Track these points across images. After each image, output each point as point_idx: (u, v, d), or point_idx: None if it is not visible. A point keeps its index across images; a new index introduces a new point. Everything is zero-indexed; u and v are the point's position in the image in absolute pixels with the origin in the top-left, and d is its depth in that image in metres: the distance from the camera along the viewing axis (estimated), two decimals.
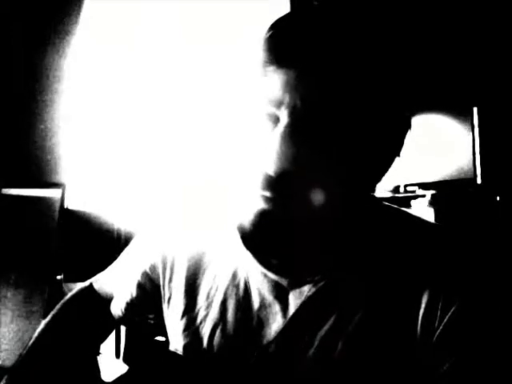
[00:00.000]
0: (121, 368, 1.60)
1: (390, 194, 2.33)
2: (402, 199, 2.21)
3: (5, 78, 1.94)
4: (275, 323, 0.55)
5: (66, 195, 1.95)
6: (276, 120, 0.48)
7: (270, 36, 0.49)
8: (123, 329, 1.74)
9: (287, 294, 0.55)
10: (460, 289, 0.49)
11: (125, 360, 1.72)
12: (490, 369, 0.47)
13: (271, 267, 0.56)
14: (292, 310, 0.54)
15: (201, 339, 0.59)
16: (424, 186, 2.23)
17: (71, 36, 2.18)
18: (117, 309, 0.72)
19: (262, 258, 0.56)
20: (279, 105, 0.47)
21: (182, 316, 0.62)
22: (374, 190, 0.57)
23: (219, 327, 0.58)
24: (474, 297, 0.49)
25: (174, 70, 2.28)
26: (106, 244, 1.91)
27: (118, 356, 1.76)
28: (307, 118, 0.46)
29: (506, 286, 0.50)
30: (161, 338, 0.70)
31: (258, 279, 0.57)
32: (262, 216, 0.49)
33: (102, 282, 0.76)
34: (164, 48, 2.31)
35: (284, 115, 0.47)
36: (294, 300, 0.54)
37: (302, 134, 0.46)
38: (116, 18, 2.26)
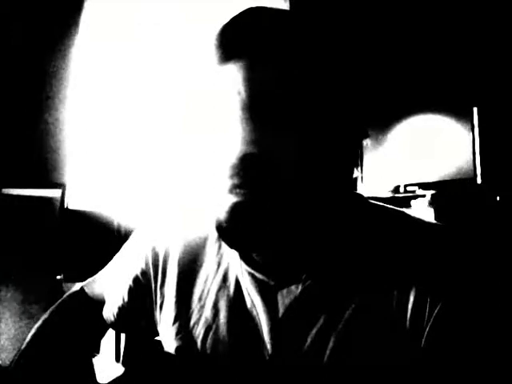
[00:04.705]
0: (120, 371, 1.60)
1: (390, 194, 2.33)
2: (401, 199, 2.21)
3: (5, 78, 1.94)
4: (266, 324, 0.55)
5: (66, 195, 1.95)
6: (232, 110, 0.50)
7: (221, 31, 0.52)
8: (122, 333, 1.74)
9: (276, 294, 0.55)
10: (447, 285, 0.49)
11: (124, 364, 1.71)
12: (480, 365, 0.47)
13: (257, 266, 0.56)
14: (281, 310, 0.55)
15: (194, 342, 0.59)
16: (424, 186, 2.23)
17: (72, 36, 2.18)
18: (109, 313, 0.72)
19: (243, 252, 0.57)
20: (234, 94, 0.49)
21: (175, 320, 0.62)
22: (349, 180, 0.56)
23: (212, 329, 0.58)
24: (461, 293, 0.49)
25: (173, 68, 2.28)
26: (106, 244, 1.90)
27: (118, 360, 1.76)
28: (259, 102, 0.49)
29: (497, 283, 0.50)
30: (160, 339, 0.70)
31: (247, 280, 0.57)
32: (234, 210, 0.49)
33: (94, 285, 0.76)
34: (165, 48, 2.31)
35: (238, 102, 0.49)
36: (283, 300, 0.55)
37: (257, 117, 0.49)
38: (117, 18, 2.26)
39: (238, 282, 0.58)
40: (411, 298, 0.50)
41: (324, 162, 0.51)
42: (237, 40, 0.50)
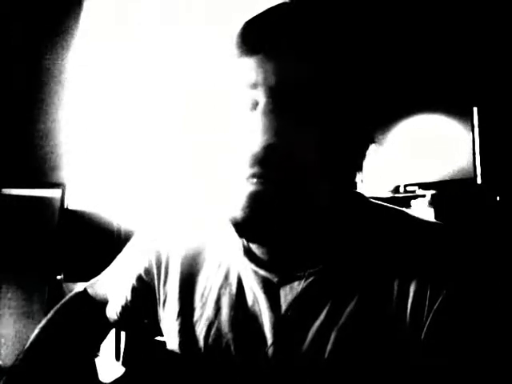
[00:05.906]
0: (120, 370, 1.61)
1: (390, 194, 2.33)
2: (401, 199, 2.21)
3: (5, 78, 1.94)
4: (268, 320, 0.56)
5: (65, 195, 1.95)
6: (255, 102, 0.51)
7: (243, 28, 0.53)
8: (123, 332, 1.74)
9: (278, 291, 0.56)
10: (447, 279, 0.50)
11: (124, 363, 1.72)
12: (479, 359, 0.47)
13: (261, 263, 0.57)
14: (284, 306, 0.55)
15: (196, 338, 0.60)
16: (424, 186, 2.24)
17: (72, 36, 2.18)
18: (112, 312, 0.72)
19: (254, 242, 0.57)
20: (256, 86, 0.50)
21: (177, 317, 0.62)
22: (354, 179, 0.57)
23: (214, 326, 0.59)
24: (461, 287, 0.49)
25: (173, 68, 2.28)
26: (106, 244, 1.91)
27: (118, 358, 1.76)
28: (282, 94, 0.49)
29: (496, 278, 0.51)
30: (161, 338, 0.70)
31: (250, 277, 0.58)
32: (252, 198, 0.49)
33: (97, 286, 0.77)
34: (165, 47, 2.32)
35: (262, 95, 0.50)
36: (285, 296, 0.55)
37: (280, 109, 0.49)
38: (117, 17, 2.26)
39: (239, 280, 0.59)
40: (411, 293, 0.50)
41: (338, 159, 0.52)
42: (264, 32, 0.51)
